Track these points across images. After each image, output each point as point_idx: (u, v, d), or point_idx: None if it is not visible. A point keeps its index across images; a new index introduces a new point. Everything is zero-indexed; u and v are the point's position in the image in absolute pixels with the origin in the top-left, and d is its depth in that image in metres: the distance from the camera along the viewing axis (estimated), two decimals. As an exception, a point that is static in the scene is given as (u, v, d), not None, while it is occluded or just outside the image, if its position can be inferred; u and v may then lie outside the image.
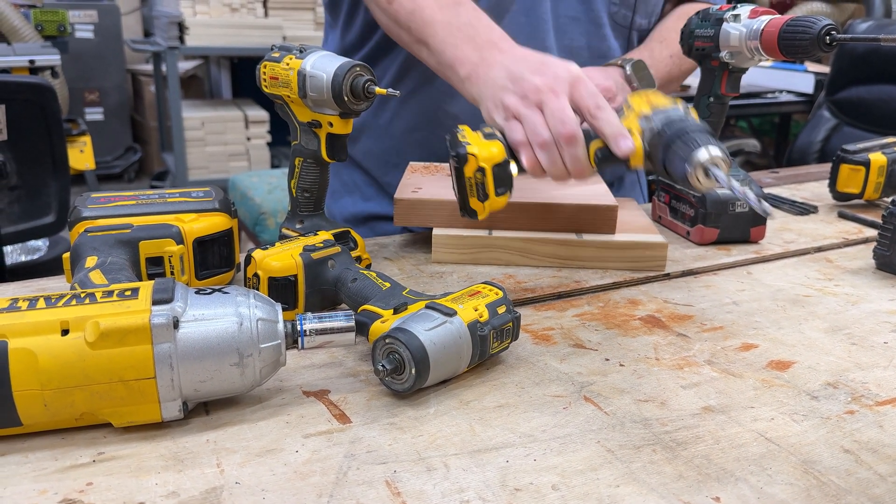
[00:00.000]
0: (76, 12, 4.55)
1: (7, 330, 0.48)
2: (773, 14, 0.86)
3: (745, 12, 0.87)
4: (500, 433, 0.52)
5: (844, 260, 0.90)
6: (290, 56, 0.74)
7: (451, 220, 0.86)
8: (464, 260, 0.85)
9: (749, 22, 0.86)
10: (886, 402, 0.58)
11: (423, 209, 0.87)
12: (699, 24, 0.92)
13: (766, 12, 0.86)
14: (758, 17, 0.86)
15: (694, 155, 0.62)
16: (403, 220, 0.88)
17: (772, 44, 0.83)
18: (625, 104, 0.74)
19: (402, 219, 0.88)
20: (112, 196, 0.73)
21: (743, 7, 0.88)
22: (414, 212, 0.87)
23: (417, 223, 0.88)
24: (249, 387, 0.53)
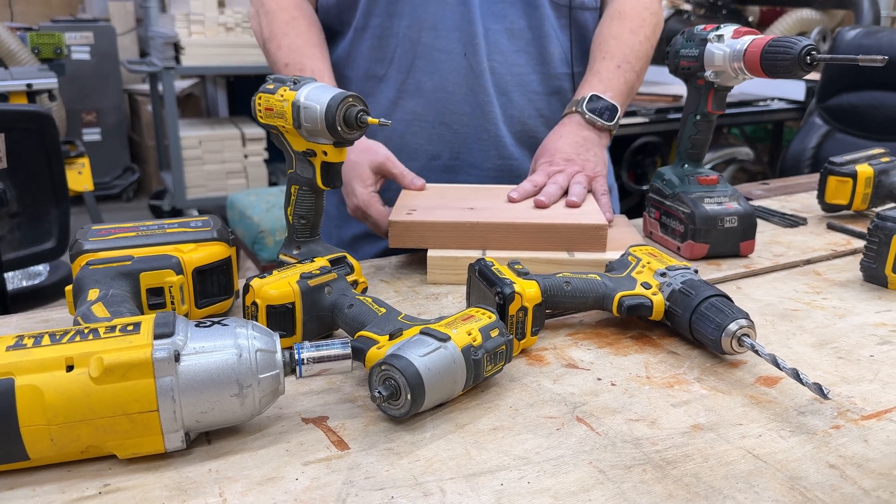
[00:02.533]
0: (72, 34, 4.59)
1: (14, 367, 0.50)
2: (756, 34, 0.88)
3: (728, 32, 0.89)
4: (495, 456, 0.54)
5: (833, 272, 0.92)
6: (285, 88, 0.76)
7: (446, 242, 0.88)
8: (459, 280, 0.87)
9: (732, 42, 0.88)
10: (871, 416, 0.60)
11: (418, 231, 0.89)
12: (684, 44, 0.94)
13: (749, 32, 0.88)
14: (741, 37, 0.88)
15: (730, 326, 0.66)
16: (399, 241, 0.90)
17: (754, 64, 0.85)
18: (629, 255, 0.79)
19: (397, 241, 0.89)
20: (112, 228, 0.75)
21: (726, 27, 0.90)
22: (409, 234, 0.89)
23: (412, 245, 0.90)
24: (249, 416, 0.55)
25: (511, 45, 1.10)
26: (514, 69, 1.11)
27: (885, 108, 2.37)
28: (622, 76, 1.10)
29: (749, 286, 0.87)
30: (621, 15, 1.15)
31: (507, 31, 1.10)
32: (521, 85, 1.13)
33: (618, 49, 1.11)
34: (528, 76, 1.12)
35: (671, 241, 0.98)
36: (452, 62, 1.09)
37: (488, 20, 1.09)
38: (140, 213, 4.68)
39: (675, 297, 0.71)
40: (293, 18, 1.10)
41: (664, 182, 1.00)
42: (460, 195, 1.00)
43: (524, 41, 1.11)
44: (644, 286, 0.74)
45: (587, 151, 1.05)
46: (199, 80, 5.04)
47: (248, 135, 4.21)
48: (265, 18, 1.11)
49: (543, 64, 1.13)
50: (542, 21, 1.11)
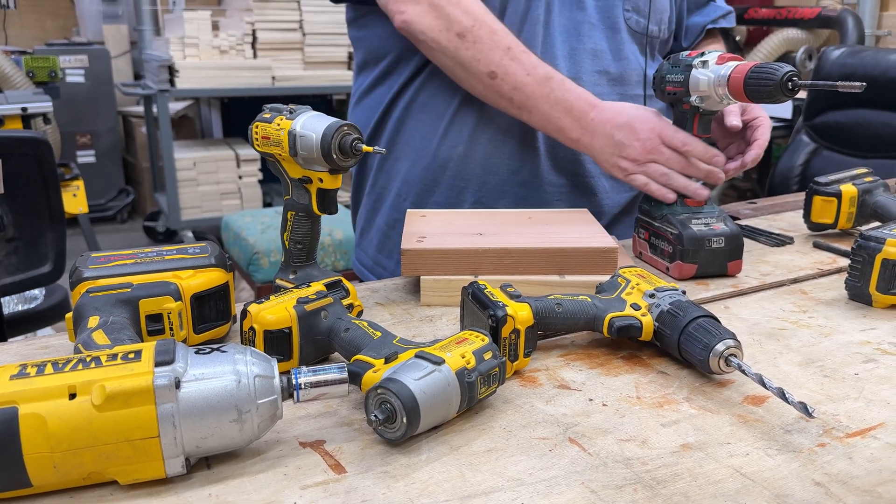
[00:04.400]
0: (67, 57, 4.62)
1: (17, 396, 0.51)
2: (740, 60, 0.90)
3: (712, 59, 0.92)
4: (489, 478, 0.55)
5: (819, 291, 0.93)
6: (281, 117, 0.78)
7: (459, 268, 0.89)
8: (453, 303, 0.88)
9: (717, 68, 0.91)
10: (856, 433, 0.61)
11: (430, 258, 0.89)
12: (670, 69, 0.97)
13: (733, 58, 0.91)
14: (725, 62, 0.90)
15: (717, 346, 0.68)
16: (411, 270, 0.89)
17: (738, 89, 0.87)
18: (619, 277, 0.80)
19: (409, 269, 0.89)
20: (111, 255, 0.76)
21: (711, 54, 0.93)
22: (422, 261, 0.89)
23: (425, 272, 0.89)
24: (248, 441, 0.56)
25: (593, 64, 1.14)
26: (596, 89, 1.13)
27: (871, 126, 2.41)
28: None
29: (736, 306, 0.89)
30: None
31: (590, 52, 1.13)
32: None
33: None
34: (607, 96, 1.13)
35: (660, 262, 1.00)
36: None
37: (573, 40, 1.12)
38: (134, 234, 4.69)
39: (664, 317, 0.73)
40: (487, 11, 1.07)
41: (653, 204, 1.02)
42: (468, 220, 1.01)
43: (606, 62, 1.15)
44: (633, 307, 0.75)
45: None
46: (194, 102, 5.07)
47: (242, 156, 4.24)
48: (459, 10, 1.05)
49: (622, 84, 1.17)
50: (622, 44, 1.15)
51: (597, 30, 1.14)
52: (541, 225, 1.00)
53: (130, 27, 5.26)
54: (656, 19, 1.19)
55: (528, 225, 1.00)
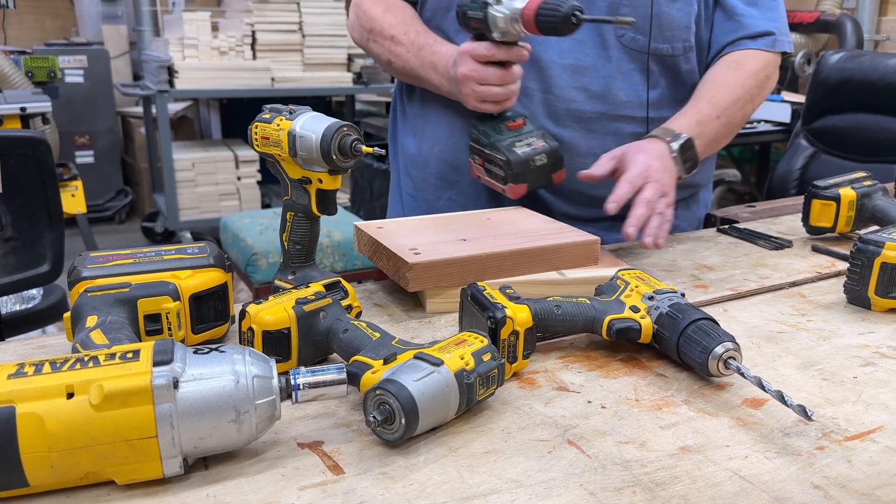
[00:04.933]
0: (66, 58, 4.62)
1: (15, 395, 0.51)
2: None
3: None
4: (488, 479, 0.55)
5: (817, 294, 0.93)
6: (281, 117, 0.78)
7: (465, 276, 0.86)
8: (456, 308, 0.87)
9: (510, 3, 0.95)
10: (854, 437, 0.61)
11: (436, 270, 0.86)
12: (469, 5, 1.01)
13: None
14: None
15: (716, 349, 0.67)
16: (419, 284, 0.85)
17: (531, 23, 0.94)
18: (618, 279, 0.80)
19: (418, 283, 0.85)
20: (110, 255, 0.76)
21: None
22: (430, 273, 0.85)
23: (432, 285, 0.86)
24: (246, 441, 0.56)
25: (572, 80, 1.11)
26: (571, 105, 1.12)
27: (870, 130, 2.42)
28: (717, 128, 1.10)
29: (735, 309, 0.89)
30: (739, 66, 1.14)
31: (569, 67, 1.11)
32: (579, 121, 1.13)
33: (723, 99, 1.11)
34: (587, 112, 1.12)
35: (497, 185, 1.07)
36: None
37: (554, 54, 1.11)
38: (133, 235, 4.68)
39: (663, 320, 0.73)
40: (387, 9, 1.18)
41: (480, 131, 1.08)
42: (433, 227, 0.99)
43: (588, 79, 1.11)
44: (632, 310, 0.75)
45: (672, 178, 1.03)
46: (193, 103, 5.07)
47: (241, 157, 4.24)
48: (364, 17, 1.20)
49: (606, 102, 1.13)
50: (608, 62, 1.11)
51: (585, 46, 1.11)
52: (504, 225, 1.00)
53: (130, 28, 5.26)
54: (665, 37, 1.12)
55: (492, 227, 0.99)
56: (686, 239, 1.17)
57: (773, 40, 1.17)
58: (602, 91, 1.13)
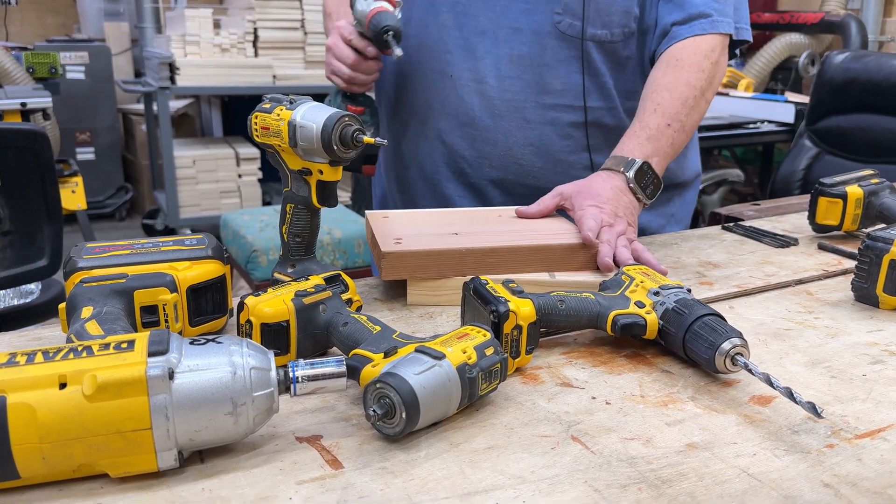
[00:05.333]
0: (67, 54, 4.61)
1: (6, 385, 0.49)
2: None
3: None
4: (490, 475, 0.54)
5: (824, 292, 0.92)
6: (281, 107, 0.77)
7: (442, 270, 0.86)
8: (440, 302, 0.86)
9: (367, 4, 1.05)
10: (864, 434, 0.60)
11: (411, 260, 0.85)
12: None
13: None
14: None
15: (723, 345, 0.66)
16: (392, 273, 0.86)
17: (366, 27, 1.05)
18: (622, 274, 0.79)
19: (391, 272, 0.86)
20: (107, 246, 0.75)
21: None
22: (404, 264, 0.85)
23: (406, 275, 0.86)
24: (243, 434, 0.55)
25: (509, 70, 1.10)
26: (506, 95, 1.11)
27: (874, 131, 2.40)
28: (671, 136, 1.03)
29: (742, 306, 0.88)
30: (678, 63, 1.06)
31: (507, 57, 1.10)
32: (515, 111, 1.12)
33: (670, 104, 1.03)
34: (525, 101, 1.11)
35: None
36: (440, 81, 1.13)
37: (490, 44, 1.10)
38: (133, 232, 4.67)
39: (669, 315, 0.72)
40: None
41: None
42: (435, 220, 0.99)
43: (524, 68, 1.10)
44: (638, 305, 0.74)
45: (630, 216, 0.97)
46: (194, 101, 5.06)
47: (242, 154, 4.22)
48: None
49: (544, 93, 1.11)
50: (544, 50, 1.09)
51: (520, 34, 1.09)
52: (511, 222, 0.98)
53: (131, 24, 5.24)
54: (603, 22, 1.08)
55: (500, 223, 0.98)
56: (691, 236, 1.16)
57: (711, 21, 1.08)
58: (537, 80, 1.10)
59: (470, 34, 1.10)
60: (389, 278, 0.86)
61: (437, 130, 1.15)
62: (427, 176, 1.20)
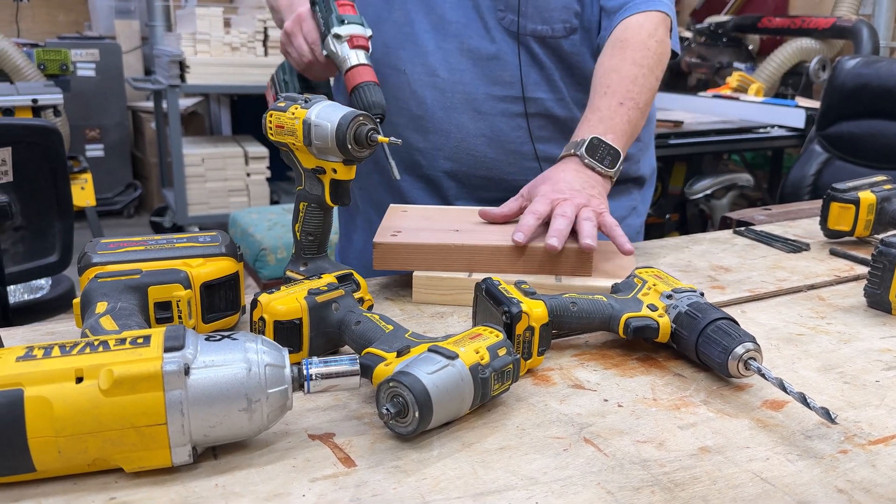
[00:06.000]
0: (78, 51, 4.63)
1: (23, 378, 0.50)
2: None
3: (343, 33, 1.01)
4: (502, 476, 0.54)
5: (836, 298, 0.92)
6: (296, 106, 0.77)
7: (431, 264, 0.88)
8: (445, 301, 0.87)
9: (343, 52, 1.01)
10: (879, 440, 0.59)
11: (402, 253, 0.88)
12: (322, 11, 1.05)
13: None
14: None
15: (736, 349, 0.66)
16: (382, 263, 0.89)
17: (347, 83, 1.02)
18: (635, 277, 0.79)
19: (381, 262, 0.89)
20: (121, 241, 0.75)
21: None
22: (393, 255, 0.89)
23: (396, 267, 0.89)
24: (257, 431, 0.55)
25: (459, 63, 1.11)
26: (457, 87, 1.12)
27: (885, 137, 2.39)
28: (625, 114, 1.03)
29: (754, 310, 0.87)
30: (623, 44, 1.07)
31: (457, 50, 1.11)
32: (467, 102, 1.13)
33: (620, 84, 1.04)
34: (473, 94, 1.12)
35: None
36: (394, 77, 1.14)
37: (441, 39, 1.11)
38: (141, 229, 4.68)
39: (682, 319, 0.72)
40: None
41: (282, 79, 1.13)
42: (447, 217, 1.00)
43: (472, 61, 1.11)
44: (650, 308, 0.74)
45: (592, 189, 0.97)
46: (203, 99, 5.07)
47: (250, 153, 4.23)
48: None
49: (490, 85, 1.12)
50: (492, 44, 1.11)
51: (468, 28, 1.11)
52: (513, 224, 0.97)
53: (142, 22, 5.26)
54: (543, 18, 1.09)
55: (508, 224, 0.98)
56: (702, 240, 1.15)
57: (649, 1, 1.10)
58: (486, 72, 1.12)
59: (421, 30, 1.12)
60: (379, 268, 0.89)
61: (391, 125, 1.16)
62: (382, 170, 1.19)
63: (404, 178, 1.19)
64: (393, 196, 1.19)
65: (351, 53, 1.00)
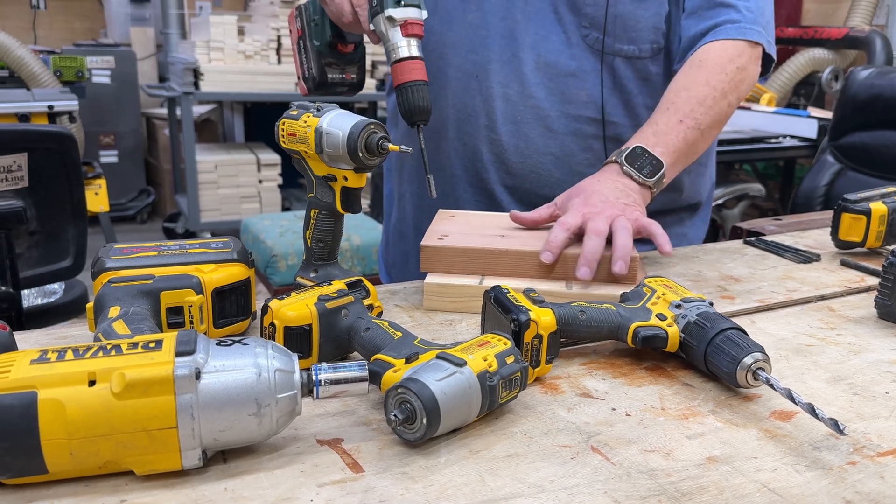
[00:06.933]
0: (94, 58, 4.69)
1: (37, 381, 0.50)
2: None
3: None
4: (510, 483, 0.54)
5: (847, 309, 0.91)
6: (308, 114, 0.78)
7: (474, 268, 0.89)
8: (455, 308, 0.87)
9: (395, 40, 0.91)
10: (888, 452, 0.59)
11: (448, 256, 0.89)
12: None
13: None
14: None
15: (745, 359, 0.66)
16: (428, 266, 0.90)
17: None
18: (644, 286, 0.79)
19: (427, 265, 0.90)
20: (134, 247, 0.76)
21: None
22: (439, 259, 0.89)
23: (441, 270, 0.89)
24: (266, 436, 0.55)
25: (534, 77, 1.09)
26: (530, 101, 1.10)
27: (898, 148, 2.38)
28: (682, 132, 1.00)
29: (763, 321, 0.87)
30: (701, 64, 1.04)
31: (534, 63, 1.09)
32: (539, 119, 1.11)
33: (686, 102, 1.01)
34: (546, 111, 1.10)
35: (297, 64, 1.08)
36: (464, 82, 1.12)
37: (517, 48, 1.09)
38: (154, 234, 4.72)
39: (691, 329, 0.72)
40: None
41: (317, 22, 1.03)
42: (493, 222, 1.00)
43: (548, 76, 1.09)
44: (659, 317, 0.74)
45: (627, 197, 0.94)
46: (217, 106, 5.11)
47: (263, 160, 4.26)
48: None
49: (565, 103, 1.10)
50: (573, 60, 1.08)
51: (548, 42, 1.08)
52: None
53: (157, 30, 5.32)
54: (630, 37, 1.08)
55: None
56: (712, 250, 1.15)
57: (739, 28, 1.05)
58: (562, 89, 1.09)
59: (497, 35, 1.08)
60: (425, 269, 0.90)
61: (458, 131, 1.14)
62: (445, 177, 1.18)
63: (463, 188, 1.17)
64: (449, 201, 1.17)
65: (403, 42, 0.88)
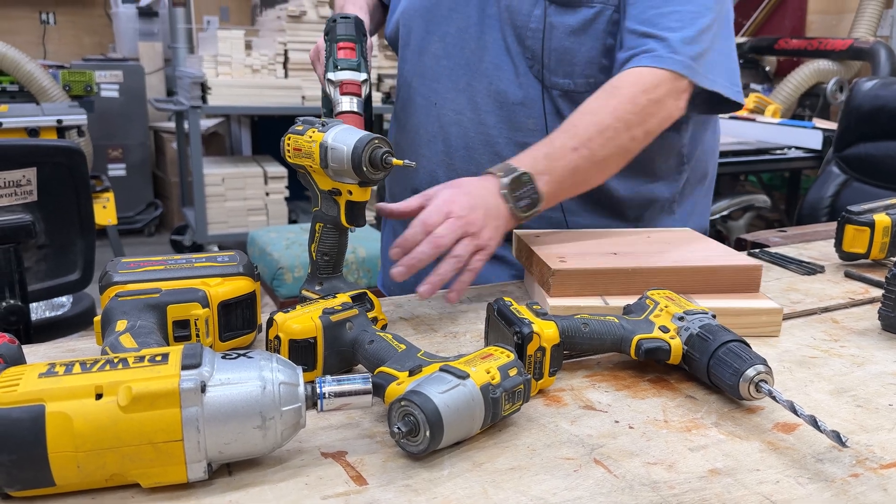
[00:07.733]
0: (103, 72, 4.73)
1: (45, 394, 0.51)
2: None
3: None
4: (513, 496, 0.54)
5: (850, 321, 0.91)
6: (313, 129, 0.79)
7: (606, 288, 0.88)
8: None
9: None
10: (891, 465, 0.59)
11: (579, 278, 0.87)
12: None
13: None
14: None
15: (747, 371, 0.66)
16: (561, 291, 0.87)
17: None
18: (647, 298, 0.79)
19: (560, 290, 0.87)
20: (141, 261, 0.77)
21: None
22: (571, 281, 0.87)
23: (573, 293, 0.87)
24: (271, 448, 0.56)
25: (485, 105, 1.11)
26: (480, 128, 1.12)
27: (904, 159, 2.38)
28: (574, 161, 0.95)
29: (767, 332, 0.87)
30: (613, 91, 0.99)
31: (486, 91, 1.11)
32: (488, 145, 1.12)
33: (586, 129, 0.96)
34: (495, 138, 1.11)
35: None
36: (426, 108, 1.16)
37: (472, 77, 1.11)
38: (161, 247, 4.74)
39: (693, 341, 0.72)
40: None
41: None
42: (588, 240, 1.00)
43: (497, 104, 1.10)
44: (662, 330, 0.74)
45: (495, 220, 0.89)
46: (224, 119, 5.15)
47: (270, 173, 4.28)
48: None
49: (513, 130, 1.10)
50: (520, 89, 1.09)
51: (501, 71, 1.10)
52: (662, 244, 0.98)
53: (165, 45, 5.37)
54: (565, 72, 1.06)
55: (650, 244, 0.98)
56: (715, 262, 1.15)
57: (655, 56, 0.98)
58: (511, 117, 1.10)
59: (456, 66, 1.12)
60: (558, 295, 0.87)
61: (420, 156, 1.17)
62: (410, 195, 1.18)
63: None
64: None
65: (342, 99, 0.95)
